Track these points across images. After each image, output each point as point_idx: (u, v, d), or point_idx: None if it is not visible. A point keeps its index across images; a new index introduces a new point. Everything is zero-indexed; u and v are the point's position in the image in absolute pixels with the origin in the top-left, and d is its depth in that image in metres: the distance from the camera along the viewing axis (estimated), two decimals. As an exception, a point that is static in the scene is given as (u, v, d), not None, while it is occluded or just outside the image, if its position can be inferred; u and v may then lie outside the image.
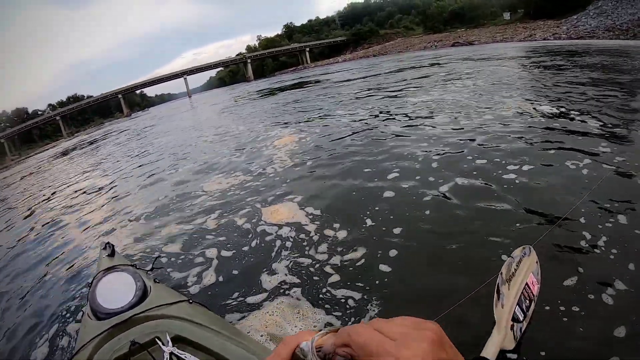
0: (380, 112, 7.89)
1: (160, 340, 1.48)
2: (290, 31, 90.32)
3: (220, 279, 3.13)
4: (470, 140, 4.88)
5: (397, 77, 15.11)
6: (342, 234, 3.27)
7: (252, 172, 5.72)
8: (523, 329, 1.80)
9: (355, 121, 7.54)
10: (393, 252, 2.82)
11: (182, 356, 1.42)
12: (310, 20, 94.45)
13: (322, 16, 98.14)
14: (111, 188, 7.75)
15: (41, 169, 18.46)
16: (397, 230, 3.10)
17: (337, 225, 3.45)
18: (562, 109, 5.60)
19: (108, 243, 2.50)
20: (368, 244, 3.03)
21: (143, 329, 1.56)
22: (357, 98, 11.01)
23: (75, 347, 1.68)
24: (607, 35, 20.89)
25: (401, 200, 3.66)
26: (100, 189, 8.06)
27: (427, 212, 3.28)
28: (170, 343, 1.46)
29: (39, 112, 79.64)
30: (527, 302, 1.87)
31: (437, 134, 5.44)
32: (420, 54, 32.06)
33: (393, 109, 7.97)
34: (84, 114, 77.97)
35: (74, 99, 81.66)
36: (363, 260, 2.85)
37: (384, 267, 2.68)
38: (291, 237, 3.47)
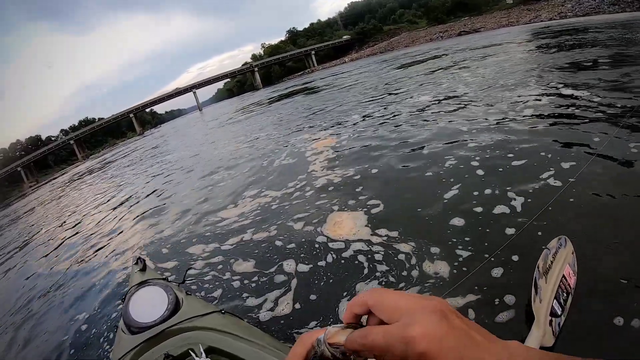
0: (402, 109, 7.72)
1: (193, 352, 1.48)
2: (294, 36, 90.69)
3: (276, 299, 2.86)
4: (502, 132, 4.62)
5: (409, 72, 14.94)
6: (432, 266, 2.56)
7: (291, 183, 5.30)
8: (561, 324, 1.73)
9: (382, 122, 7.21)
10: (510, 298, 2.06)
11: None
12: (312, 24, 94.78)
13: (324, 19, 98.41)
14: (138, 205, 7.81)
15: (61, 193, 18.69)
16: (496, 271, 2.32)
17: (415, 250, 2.79)
18: (581, 91, 5.42)
19: (139, 258, 2.53)
20: (475, 287, 2.28)
21: (176, 342, 1.57)
22: (374, 98, 10.71)
23: None
24: (613, 9, 20.51)
25: (477, 231, 2.82)
26: (126, 206, 8.17)
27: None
28: (203, 354, 1.46)
29: (52, 138, 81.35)
30: (565, 295, 1.81)
31: (465, 131, 5.10)
32: (427, 47, 31.74)
33: (415, 105, 7.74)
34: (96, 136, 79.26)
35: (86, 122, 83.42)
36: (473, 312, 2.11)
37: (501, 317, 2.00)
38: (363, 258, 2.91)
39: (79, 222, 8.51)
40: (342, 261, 2.98)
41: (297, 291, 2.80)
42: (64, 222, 9.49)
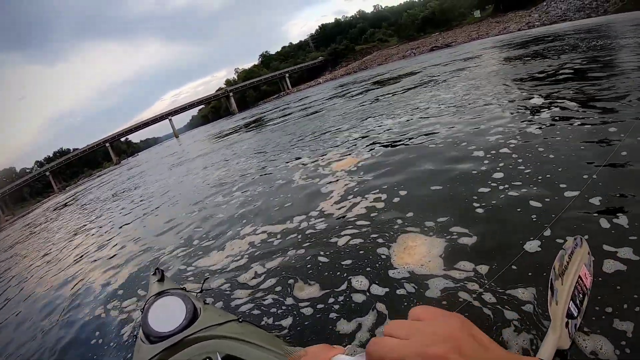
0: (403, 124, 7.47)
1: None
2: (267, 60, 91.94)
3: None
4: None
5: (387, 90, 15.00)
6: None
7: (327, 205, 4.50)
8: (577, 325, 1.71)
9: (398, 139, 6.48)
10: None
11: None
12: (284, 47, 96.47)
13: (295, 41, 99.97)
14: (146, 220, 7.76)
15: (52, 219, 17.87)
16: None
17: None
18: (559, 97, 5.62)
19: (158, 268, 2.56)
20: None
21: (194, 351, 1.62)
22: (371, 116, 10.13)
23: None
24: (578, 16, 21.53)
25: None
26: (138, 223, 8.03)
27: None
28: None
29: (27, 170, 79.62)
30: (581, 296, 1.78)
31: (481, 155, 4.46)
32: (401, 64, 32.33)
33: (412, 122, 7.41)
34: (72, 167, 77.65)
35: (61, 153, 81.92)
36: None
37: (516, 322, 1.91)
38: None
39: (86, 243, 8.30)
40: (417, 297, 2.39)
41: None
42: (66, 244, 9.22)
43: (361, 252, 3.15)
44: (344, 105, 15.33)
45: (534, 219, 2.70)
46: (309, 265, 3.27)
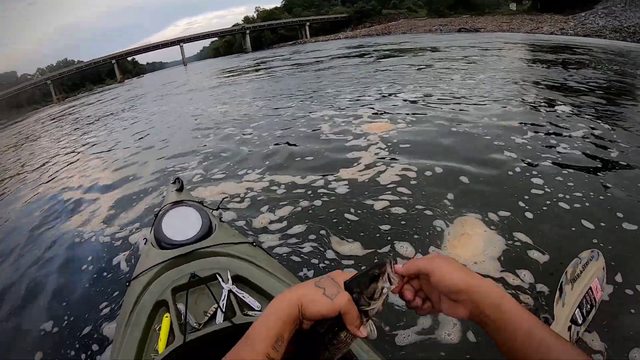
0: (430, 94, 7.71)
1: (220, 276, 1.51)
2: (290, 4, 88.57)
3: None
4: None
5: (415, 60, 14.74)
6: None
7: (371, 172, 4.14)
8: (580, 333, 1.78)
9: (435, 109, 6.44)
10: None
11: (240, 295, 1.44)
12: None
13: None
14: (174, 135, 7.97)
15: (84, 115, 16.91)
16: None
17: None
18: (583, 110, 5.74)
19: (178, 178, 2.54)
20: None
21: (204, 264, 1.60)
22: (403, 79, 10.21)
23: (135, 270, 1.76)
24: (614, 36, 21.12)
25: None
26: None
27: None
28: (230, 281, 1.49)
29: (29, 76, 77.65)
30: (588, 306, 1.84)
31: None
32: (426, 38, 31.52)
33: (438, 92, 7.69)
34: (73, 80, 75.66)
35: (64, 63, 79.43)
36: None
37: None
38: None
39: (94, 151, 8.41)
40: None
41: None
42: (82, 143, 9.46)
43: (403, 222, 3.05)
44: (366, 66, 14.74)
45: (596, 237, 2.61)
46: (335, 220, 3.20)
